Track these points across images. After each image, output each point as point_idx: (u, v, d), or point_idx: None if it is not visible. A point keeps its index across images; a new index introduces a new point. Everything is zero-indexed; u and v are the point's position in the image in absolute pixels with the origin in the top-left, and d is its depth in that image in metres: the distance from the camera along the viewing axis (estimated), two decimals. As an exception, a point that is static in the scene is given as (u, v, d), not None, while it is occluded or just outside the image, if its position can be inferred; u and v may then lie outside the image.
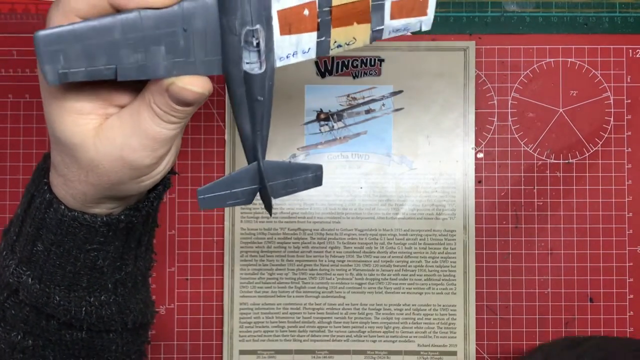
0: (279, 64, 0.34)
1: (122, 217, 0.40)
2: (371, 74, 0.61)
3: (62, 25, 0.30)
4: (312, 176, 0.39)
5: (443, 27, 0.62)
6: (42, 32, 0.30)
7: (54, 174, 0.39)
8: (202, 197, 0.37)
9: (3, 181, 0.60)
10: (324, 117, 0.61)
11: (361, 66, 0.61)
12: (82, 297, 0.42)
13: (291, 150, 0.61)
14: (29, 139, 0.60)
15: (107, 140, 0.35)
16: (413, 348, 0.61)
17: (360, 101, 0.61)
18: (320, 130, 0.61)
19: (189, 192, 0.61)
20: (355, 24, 0.34)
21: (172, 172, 0.43)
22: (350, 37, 0.35)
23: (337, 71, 0.61)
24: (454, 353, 0.61)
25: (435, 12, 0.62)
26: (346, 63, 0.61)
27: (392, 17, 0.35)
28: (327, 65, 0.61)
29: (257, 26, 0.32)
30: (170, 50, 0.32)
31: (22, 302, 0.42)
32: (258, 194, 0.39)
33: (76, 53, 0.30)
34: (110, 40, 0.31)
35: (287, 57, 0.34)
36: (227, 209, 0.61)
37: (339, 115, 0.61)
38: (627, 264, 0.61)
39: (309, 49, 0.34)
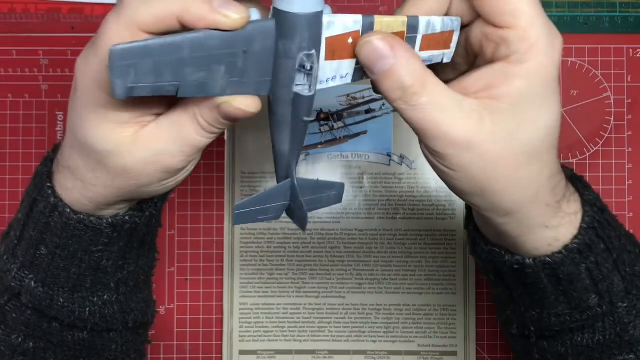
0: (318, 87, 0.35)
1: (127, 217, 0.41)
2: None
3: (136, 41, 0.31)
4: (335, 194, 0.41)
5: (443, 27, 0.62)
6: (118, 47, 0.30)
7: (68, 178, 0.39)
8: (238, 212, 0.38)
9: (3, 181, 0.60)
10: (324, 117, 0.61)
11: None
12: (86, 298, 0.43)
13: (291, 150, 0.61)
14: (29, 139, 0.60)
15: (144, 147, 0.36)
16: (413, 348, 0.61)
17: (360, 101, 0.61)
18: (320, 130, 0.61)
19: (189, 192, 0.61)
20: None
21: None
22: None
23: (337, 71, 0.61)
24: (454, 353, 0.61)
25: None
26: (346, 63, 0.61)
27: (421, 49, 0.36)
28: (327, 65, 0.61)
29: (313, 51, 0.33)
30: (229, 70, 0.33)
31: (23, 305, 0.42)
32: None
33: (146, 68, 0.31)
34: (179, 57, 0.31)
35: (327, 81, 0.35)
36: (226, 209, 0.61)
37: (339, 115, 0.61)
38: (628, 264, 0.61)
39: (347, 74, 0.35)
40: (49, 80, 0.61)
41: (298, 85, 0.34)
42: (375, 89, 0.36)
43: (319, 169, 0.61)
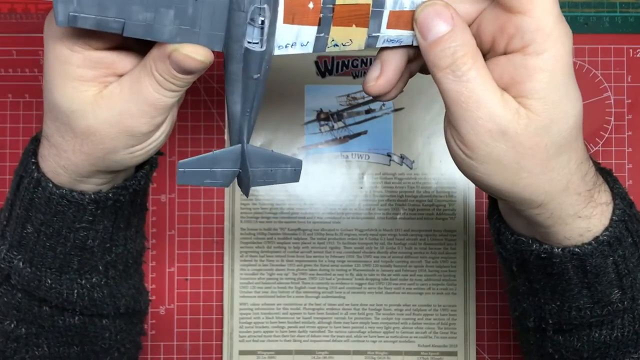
0: (277, 52, 0.35)
1: (110, 194, 0.41)
2: (371, 74, 0.61)
3: None
4: (291, 170, 0.39)
5: (443, 27, 0.62)
6: None
7: (45, 146, 0.39)
8: (181, 170, 0.37)
9: (3, 181, 0.60)
10: (324, 117, 0.61)
11: (361, 66, 0.61)
12: (74, 280, 0.43)
13: (291, 150, 0.61)
14: (29, 139, 0.60)
15: (107, 106, 0.36)
16: (413, 348, 0.61)
17: (360, 101, 0.61)
18: (320, 130, 0.61)
19: (189, 192, 0.61)
20: (354, 26, 0.35)
21: (158, 152, 0.44)
22: (347, 39, 0.36)
23: (337, 71, 0.61)
24: (454, 353, 0.61)
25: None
26: (346, 63, 0.61)
27: (389, 26, 0.36)
28: (327, 65, 0.61)
29: (265, 5, 0.33)
30: (178, 16, 0.33)
31: (14, 287, 0.43)
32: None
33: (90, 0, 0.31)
34: None
35: (286, 46, 0.35)
36: (226, 209, 0.61)
37: (339, 115, 0.61)
38: (628, 264, 0.61)
39: (307, 42, 0.35)
40: (49, 80, 0.61)
41: (249, 41, 0.34)
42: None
43: (319, 169, 0.61)
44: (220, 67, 0.44)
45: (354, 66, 0.61)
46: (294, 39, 0.35)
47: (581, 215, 0.38)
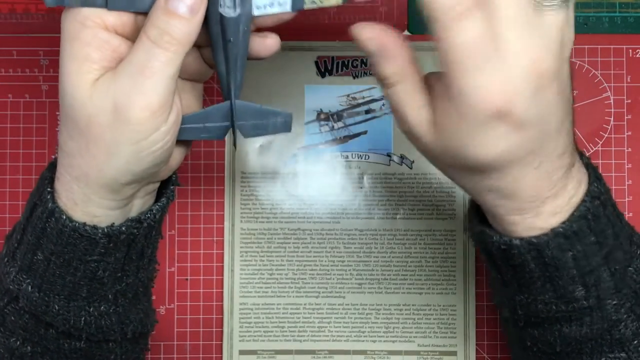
0: (256, 12, 0.37)
1: (123, 228, 0.40)
2: (371, 74, 0.61)
3: None
4: (282, 122, 0.41)
5: (443, 27, 0.62)
6: None
7: (59, 161, 0.39)
8: (181, 126, 0.39)
9: (3, 181, 0.60)
10: (324, 117, 0.61)
11: (361, 66, 0.61)
12: (82, 307, 0.42)
13: (291, 150, 0.61)
14: (29, 139, 0.60)
15: (102, 88, 0.35)
16: (413, 348, 0.61)
17: (360, 101, 0.61)
18: (320, 130, 0.61)
19: (189, 192, 0.61)
20: None
21: (176, 183, 0.44)
22: None
23: (337, 71, 0.61)
24: (454, 353, 0.61)
25: (435, 12, 0.62)
26: (346, 63, 0.61)
27: None
28: (327, 65, 0.61)
29: None
30: None
31: (22, 309, 0.42)
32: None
33: None
34: None
35: (265, 7, 0.37)
36: (226, 209, 0.61)
37: (339, 115, 0.61)
38: (627, 264, 0.61)
39: (285, 2, 0.37)
40: (50, 80, 0.61)
41: (222, 6, 0.36)
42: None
43: (319, 169, 0.61)
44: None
45: (353, 66, 0.61)
46: (272, 0, 0.37)
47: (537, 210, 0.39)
